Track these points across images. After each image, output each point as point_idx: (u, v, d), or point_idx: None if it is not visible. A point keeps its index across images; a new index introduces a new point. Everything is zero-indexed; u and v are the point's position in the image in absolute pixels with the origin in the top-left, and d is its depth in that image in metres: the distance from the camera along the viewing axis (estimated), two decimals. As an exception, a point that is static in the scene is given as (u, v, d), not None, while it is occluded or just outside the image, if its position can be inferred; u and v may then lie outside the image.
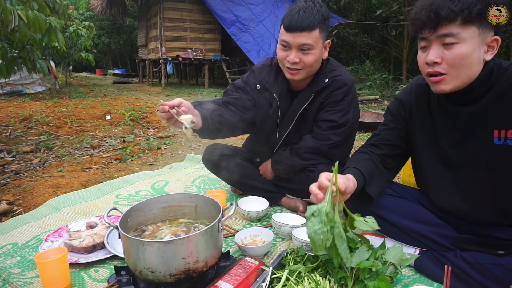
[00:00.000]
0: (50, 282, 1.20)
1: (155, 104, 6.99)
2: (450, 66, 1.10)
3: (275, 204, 1.98)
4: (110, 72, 18.93)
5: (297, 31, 1.57)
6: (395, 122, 1.43)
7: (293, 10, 1.59)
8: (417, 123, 1.37)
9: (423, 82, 1.35)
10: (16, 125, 4.60)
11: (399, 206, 1.41)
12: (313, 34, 1.58)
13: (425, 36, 1.12)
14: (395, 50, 9.09)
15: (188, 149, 3.57)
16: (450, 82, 1.13)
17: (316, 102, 1.74)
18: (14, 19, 2.42)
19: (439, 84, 1.14)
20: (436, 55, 1.10)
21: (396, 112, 1.43)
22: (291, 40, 1.60)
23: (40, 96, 8.00)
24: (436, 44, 1.11)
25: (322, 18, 1.58)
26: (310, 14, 1.56)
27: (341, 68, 1.78)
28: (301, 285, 1.12)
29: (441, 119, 1.28)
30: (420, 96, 1.36)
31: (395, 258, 1.19)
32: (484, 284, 1.15)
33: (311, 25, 1.56)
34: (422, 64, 1.17)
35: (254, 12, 9.69)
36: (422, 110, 1.35)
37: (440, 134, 1.30)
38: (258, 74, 1.86)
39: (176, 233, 1.28)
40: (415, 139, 1.39)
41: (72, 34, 7.53)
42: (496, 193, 1.21)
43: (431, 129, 1.32)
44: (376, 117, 4.63)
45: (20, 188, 2.46)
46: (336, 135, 1.71)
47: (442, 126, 1.29)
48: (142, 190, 2.26)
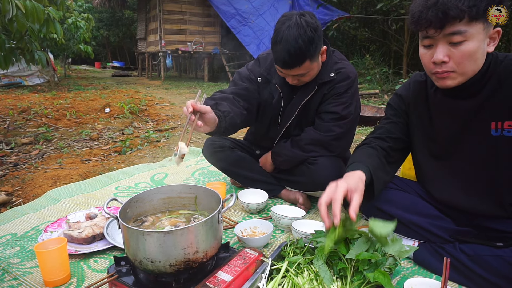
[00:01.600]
0: (50, 272, 1.20)
1: (154, 97, 6.97)
2: (458, 64, 1.09)
3: (274, 197, 1.98)
4: (109, 65, 18.84)
5: (287, 68, 1.58)
6: (397, 115, 1.43)
7: (278, 45, 1.52)
8: (415, 117, 1.38)
9: (421, 78, 1.36)
10: (14, 117, 4.58)
11: (399, 199, 1.42)
12: (304, 66, 1.57)
13: (430, 35, 1.09)
14: (395, 45, 9.04)
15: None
16: (457, 78, 1.12)
17: (319, 94, 1.74)
18: (12, 9, 2.39)
19: (445, 80, 1.13)
20: (443, 54, 1.08)
21: (397, 106, 1.44)
22: (284, 72, 1.62)
23: (38, 88, 7.96)
24: (442, 43, 1.08)
25: (308, 45, 1.51)
26: (295, 49, 1.49)
27: (345, 61, 1.78)
28: (300, 276, 1.12)
29: (439, 114, 1.29)
30: (417, 92, 1.36)
31: (394, 250, 1.19)
32: (483, 276, 1.16)
33: (299, 61, 1.54)
34: (428, 63, 1.15)
35: (254, 5, 9.63)
36: (420, 105, 1.35)
37: (438, 128, 1.30)
38: (262, 63, 1.85)
39: (176, 224, 1.28)
40: (413, 133, 1.40)
41: (70, 26, 7.48)
42: (495, 185, 1.21)
43: (428, 124, 1.33)
44: (376, 111, 4.63)
45: (19, 179, 2.45)
46: (338, 127, 1.72)
47: (440, 120, 1.29)
48: (142, 182, 2.25)
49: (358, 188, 1.14)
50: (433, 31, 1.07)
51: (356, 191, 1.13)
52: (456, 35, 1.04)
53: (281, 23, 1.54)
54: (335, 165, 1.74)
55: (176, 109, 5.55)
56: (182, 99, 6.85)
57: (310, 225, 1.53)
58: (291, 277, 1.12)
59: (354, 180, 1.17)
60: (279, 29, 1.53)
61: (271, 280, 1.13)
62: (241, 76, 1.85)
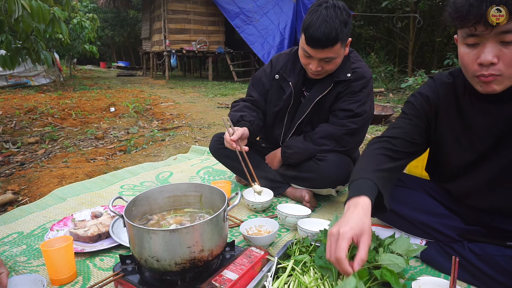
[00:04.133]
0: (56, 270, 1.20)
1: (159, 96, 6.99)
2: (508, 66, 0.97)
3: (280, 195, 1.97)
4: (114, 65, 18.94)
5: (319, 48, 1.58)
6: (418, 117, 1.29)
7: (315, 23, 1.53)
8: (444, 121, 1.26)
9: (448, 80, 1.25)
10: (21, 117, 4.62)
11: (406, 197, 1.39)
12: (335, 48, 1.58)
13: (479, 33, 0.96)
14: (400, 43, 8.99)
15: (192, 141, 3.56)
16: (503, 82, 1.00)
17: (334, 92, 1.77)
18: (18, 9, 2.40)
19: (491, 84, 1.01)
20: (493, 55, 0.96)
21: (420, 107, 1.29)
22: (313, 53, 1.62)
23: (44, 88, 8.02)
24: (492, 42, 0.96)
25: (343, 27, 1.55)
26: (332, 28, 1.52)
27: (361, 62, 1.82)
28: (307, 275, 1.12)
29: (473, 120, 1.19)
30: (446, 95, 1.25)
31: (402, 249, 1.17)
32: (492, 276, 1.14)
33: (333, 41, 1.55)
34: (471, 63, 1.02)
35: (258, 4, 9.61)
36: (450, 109, 1.24)
37: (473, 135, 1.20)
38: (275, 64, 1.94)
39: (181, 222, 1.27)
40: (441, 137, 1.29)
41: (76, 26, 7.53)
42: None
43: (461, 127, 1.23)
44: (382, 109, 4.60)
45: (25, 178, 2.46)
46: (352, 123, 1.74)
47: (475, 127, 1.19)
48: (147, 181, 2.26)
49: (364, 231, 0.97)
50: (483, 29, 0.95)
51: (363, 235, 0.97)
52: (510, 33, 0.93)
53: (317, 5, 1.58)
54: (344, 162, 1.74)
55: (181, 108, 5.56)
56: (186, 98, 6.86)
57: (316, 223, 1.52)
58: (297, 276, 1.11)
59: (358, 221, 0.98)
60: (315, 10, 1.56)
61: (277, 279, 1.12)
62: (255, 80, 2.01)
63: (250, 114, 1.84)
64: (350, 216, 1.00)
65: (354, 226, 0.97)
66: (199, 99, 6.71)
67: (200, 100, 6.56)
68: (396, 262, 1.06)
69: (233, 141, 1.62)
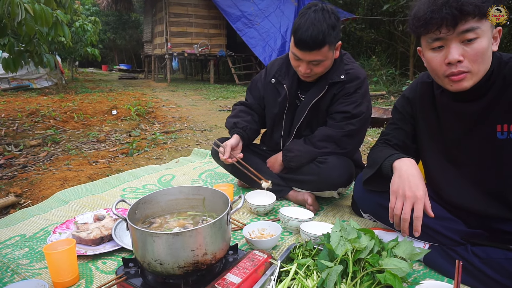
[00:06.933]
0: (58, 273, 1.20)
1: (161, 99, 7.00)
2: (473, 62, 1.05)
3: (282, 198, 1.97)
4: (116, 67, 18.98)
5: (306, 50, 1.61)
6: (403, 120, 1.41)
7: (303, 26, 1.58)
8: (421, 120, 1.36)
9: (428, 79, 1.33)
10: (23, 119, 4.63)
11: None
12: (322, 51, 1.61)
13: (442, 36, 1.05)
14: (401, 46, 8.99)
15: (195, 144, 3.57)
16: (471, 79, 1.08)
17: (329, 94, 1.78)
18: (21, 12, 2.42)
19: (461, 82, 1.08)
20: (458, 53, 1.04)
21: (403, 110, 1.41)
22: (301, 56, 1.65)
23: (46, 91, 8.04)
24: (455, 42, 1.04)
25: (331, 30, 1.58)
26: (319, 31, 1.55)
27: (354, 63, 1.83)
28: (310, 279, 1.11)
29: (446, 116, 1.27)
30: (424, 94, 1.34)
31: (405, 252, 1.17)
32: (496, 279, 1.13)
33: (320, 44, 1.58)
34: (440, 65, 1.10)
35: (260, 7, 9.64)
36: (426, 107, 1.33)
37: (445, 132, 1.28)
38: (270, 69, 1.98)
39: (184, 225, 1.27)
40: (421, 135, 1.38)
41: (78, 29, 7.55)
42: (503, 188, 1.19)
43: (436, 126, 1.31)
44: (383, 112, 4.61)
45: (27, 181, 2.47)
46: (351, 125, 1.75)
47: (447, 123, 1.27)
48: (149, 184, 2.26)
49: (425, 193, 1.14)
50: (445, 31, 1.04)
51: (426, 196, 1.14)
52: (470, 32, 1.02)
53: (306, 8, 1.62)
54: (345, 164, 1.75)
55: (183, 111, 5.57)
56: (188, 101, 6.88)
57: (318, 227, 1.51)
58: (300, 279, 1.10)
59: (420, 185, 1.14)
60: (304, 13, 1.61)
61: (280, 283, 1.12)
62: (252, 84, 2.06)
63: (244, 120, 1.94)
64: (412, 177, 1.16)
65: (423, 189, 1.13)
66: (200, 102, 6.72)
67: (201, 103, 6.58)
68: (400, 266, 1.06)
69: (226, 159, 1.78)
